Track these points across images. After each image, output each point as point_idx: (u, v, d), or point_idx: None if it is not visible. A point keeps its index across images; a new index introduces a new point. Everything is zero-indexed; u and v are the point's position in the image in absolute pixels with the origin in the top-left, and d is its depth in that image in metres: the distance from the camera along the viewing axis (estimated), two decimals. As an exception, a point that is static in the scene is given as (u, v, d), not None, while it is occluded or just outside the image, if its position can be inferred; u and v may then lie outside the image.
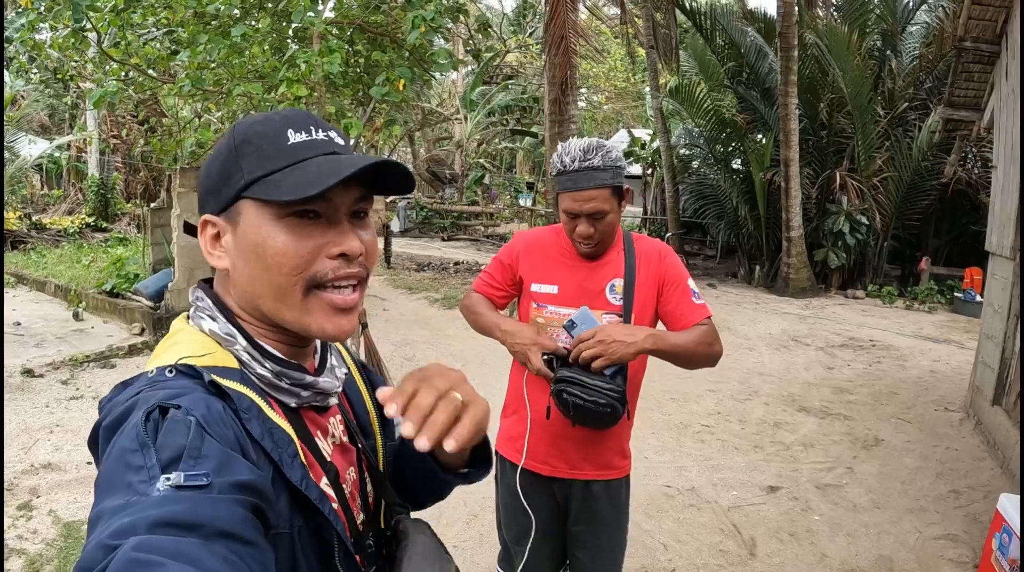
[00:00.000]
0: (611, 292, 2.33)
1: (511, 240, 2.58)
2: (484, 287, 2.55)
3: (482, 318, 2.47)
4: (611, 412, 2.12)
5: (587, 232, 2.23)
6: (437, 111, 24.33)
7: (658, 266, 2.36)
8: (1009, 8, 5.93)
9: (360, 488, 1.13)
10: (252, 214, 0.96)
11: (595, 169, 2.19)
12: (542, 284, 2.38)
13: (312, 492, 0.92)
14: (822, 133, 14.48)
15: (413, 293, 11.66)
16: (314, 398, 1.04)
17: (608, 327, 2.17)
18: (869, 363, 8.59)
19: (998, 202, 6.33)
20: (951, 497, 4.99)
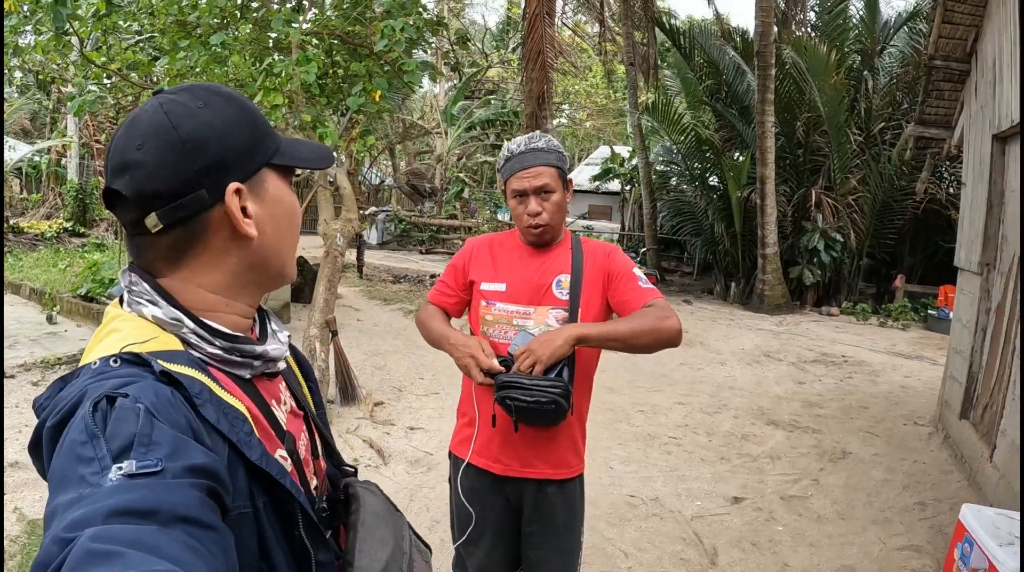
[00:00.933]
0: (557, 287, 2.33)
1: (463, 246, 2.58)
2: (438, 296, 2.54)
3: (433, 330, 2.45)
4: (555, 408, 2.09)
5: (536, 209, 2.27)
6: (418, 124, 24.34)
7: (604, 261, 2.38)
8: (979, 27, 5.98)
9: (312, 453, 1.15)
10: (276, 181, 1.05)
11: (540, 150, 2.29)
12: (491, 282, 2.39)
13: (273, 468, 0.92)
14: (798, 151, 14.59)
15: (388, 304, 11.59)
16: (266, 366, 1.06)
17: (539, 336, 2.18)
18: (840, 378, 8.59)
19: (967, 218, 6.36)
20: (917, 509, 4.97)
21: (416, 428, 6.00)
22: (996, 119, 5.35)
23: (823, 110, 13.16)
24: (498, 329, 2.34)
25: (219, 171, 0.96)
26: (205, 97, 1.00)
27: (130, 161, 0.94)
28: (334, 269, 6.60)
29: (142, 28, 7.22)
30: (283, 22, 5.96)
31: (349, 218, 6.80)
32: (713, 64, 15.77)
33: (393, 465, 5.21)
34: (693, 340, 10.29)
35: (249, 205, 0.99)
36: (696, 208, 15.81)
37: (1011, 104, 4.94)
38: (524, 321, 2.30)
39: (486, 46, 27.93)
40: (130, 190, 0.94)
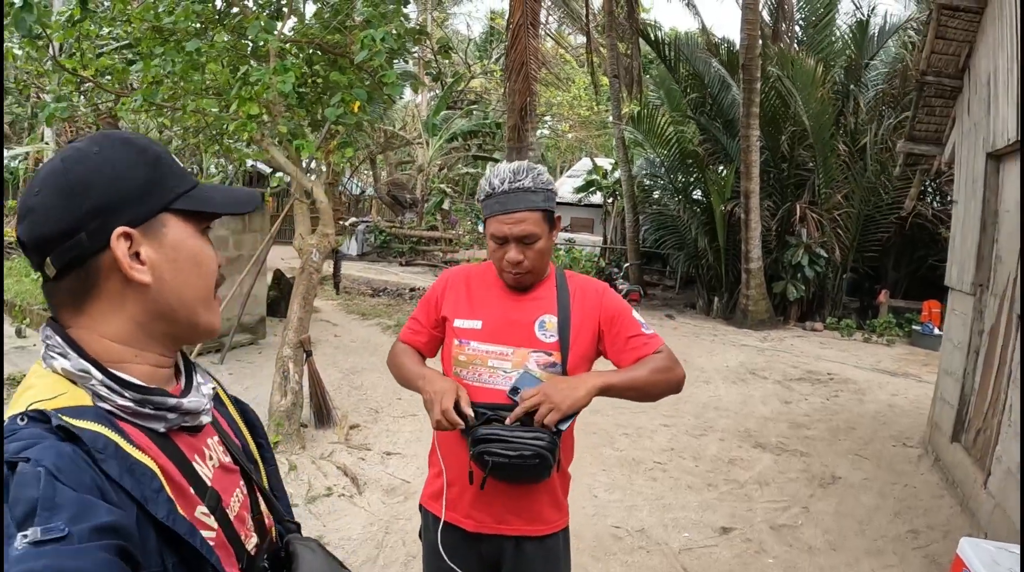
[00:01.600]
0: (541, 329, 2.13)
1: (438, 278, 2.38)
2: (409, 334, 2.34)
3: (405, 370, 2.24)
4: (540, 462, 1.91)
5: (516, 258, 2.07)
6: (400, 134, 24.15)
7: (596, 302, 2.19)
8: (972, 43, 5.87)
9: (252, 509, 1.14)
10: (179, 227, 1.02)
11: (525, 190, 2.06)
12: (465, 319, 2.18)
13: (180, 526, 0.90)
14: (783, 166, 14.51)
15: (366, 319, 11.37)
16: (182, 420, 1.03)
17: (552, 381, 1.99)
18: (827, 397, 8.45)
19: (958, 237, 6.23)
20: (909, 537, 4.82)
21: (393, 453, 5.78)
22: (991, 137, 5.23)
23: (808, 124, 13.08)
24: (472, 370, 2.13)
25: (105, 214, 0.95)
26: (101, 142, 1.00)
27: (28, 206, 0.96)
28: (309, 286, 6.38)
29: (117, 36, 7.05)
30: (260, 30, 5.79)
31: (326, 233, 6.60)
32: (698, 77, 15.69)
33: (368, 494, 5.00)
34: (677, 357, 10.10)
35: (143, 250, 0.98)
36: (679, 222, 15.69)
37: (1007, 122, 4.81)
38: (501, 362, 2.10)
39: (469, 56, 27.82)
40: (26, 235, 0.96)
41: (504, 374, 2.08)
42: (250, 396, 6.98)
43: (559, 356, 2.10)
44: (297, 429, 5.72)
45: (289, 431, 5.63)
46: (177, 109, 6.59)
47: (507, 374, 2.07)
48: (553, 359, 2.10)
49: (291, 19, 6.86)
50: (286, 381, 5.85)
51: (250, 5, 6.66)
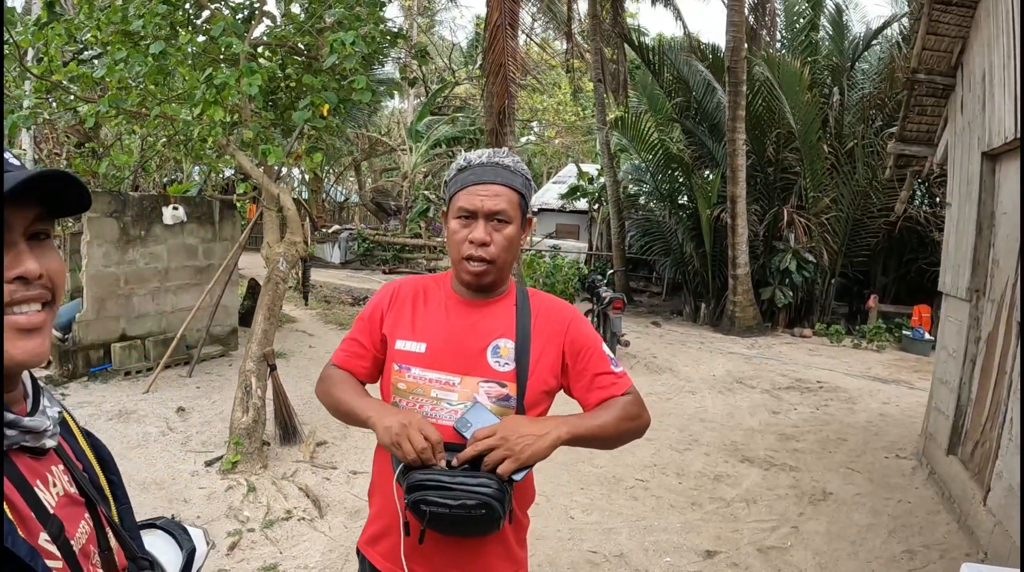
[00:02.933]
0: (494, 355, 1.84)
1: (379, 291, 2.04)
2: (347, 359, 1.99)
3: (344, 401, 1.88)
4: (487, 513, 1.61)
5: (483, 237, 1.77)
6: (384, 141, 23.92)
7: (561, 328, 1.91)
8: (965, 38, 5.65)
9: (100, 544, 1.07)
10: None
11: (504, 167, 1.82)
12: (407, 340, 1.88)
13: (20, 549, 0.85)
14: (769, 170, 14.36)
15: (344, 328, 11.06)
16: (23, 438, 0.97)
17: (511, 422, 1.71)
18: (816, 406, 8.21)
19: (952, 241, 5.99)
20: (905, 558, 4.56)
21: (359, 472, 5.49)
22: (986, 136, 4.99)
23: (795, 127, 12.92)
24: (412, 401, 1.84)
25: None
26: None
27: None
28: (275, 296, 6.11)
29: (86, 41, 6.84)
30: (225, 31, 5.55)
31: (293, 241, 6.34)
32: (683, 81, 15.54)
33: (330, 517, 4.70)
34: (662, 366, 9.88)
35: None
36: (665, 227, 15.50)
37: (1003, 120, 4.57)
38: (446, 393, 1.82)
39: (454, 62, 27.61)
40: None
41: (449, 407, 1.81)
42: (216, 410, 6.70)
43: (514, 388, 1.82)
44: (259, 447, 5.42)
45: (250, 450, 5.33)
46: (144, 115, 6.35)
47: (452, 407, 1.80)
48: (507, 391, 1.82)
49: (264, 22, 6.62)
50: (248, 397, 5.55)
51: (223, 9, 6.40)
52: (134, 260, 7.88)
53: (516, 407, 1.82)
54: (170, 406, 6.75)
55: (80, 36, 6.66)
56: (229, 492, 4.92)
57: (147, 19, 5.71)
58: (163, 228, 8.16)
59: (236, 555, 4.15)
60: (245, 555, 4.16)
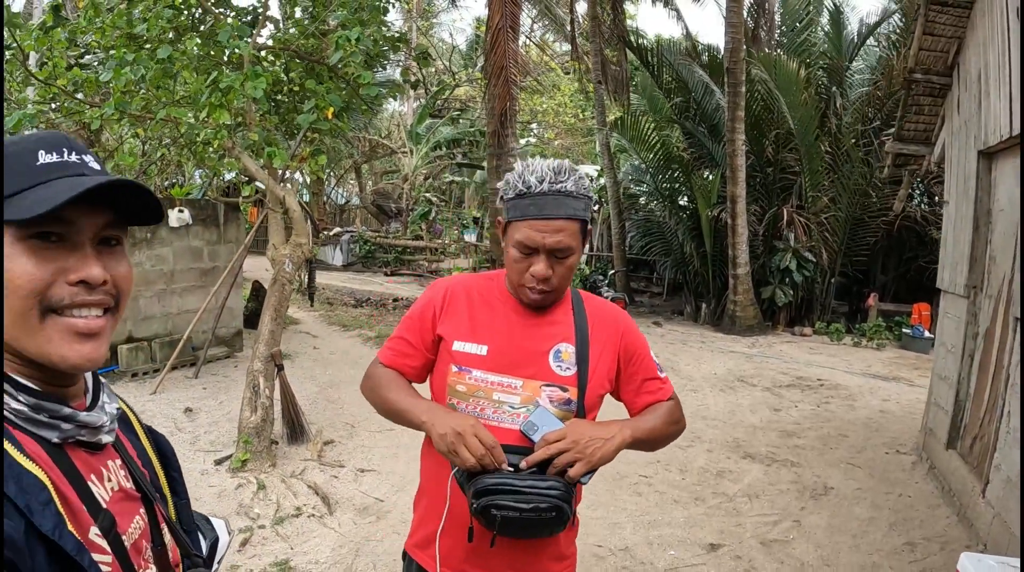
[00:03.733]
0: (556, 359, 1.85)
1: (428, 289, 2.02)
2: (395, 357, 1.96)
3: (394, 400, 1.87)
4: (557, 516, 1.63)
5: (544, 273, 1.76)
6: (384, 143, 23.97)
7: (615, 333, 1.93)
8: (961, 39, 5.72)
9: (154, 540, 1.08)
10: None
11: (567, 195, 1.75)
12: (467, 342, 1.87)
13: (67, 542, 0.85)
14: (768, 170, 14.41)
15: (347, 330, 11.13)
16: (79, 432, 0.97)
17: (578, 425, 1.73)
18: (817, 404, 8.27)
19: (950, 238, 6.06)
20: (905, 551, 4.63)
21: (367, 470, 5.56)
22: (982, 134, 5.06)
23: (793, 127, 12.98)
24: (472, 404, 1.83)
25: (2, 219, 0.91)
26: None
27: None
28: (281, 297, 6.17)
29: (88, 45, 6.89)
30: (232, 36, 5.62)
31: (299, 242, 6.40)
32: (682, 82, 15.60)
33: (339, 514, 4.77)
34: (664, 365, 9.89)
35: None
36: (665, 228, 15.55)
37: (999, 118, 4.64)
38: (508, 396, 1.82)
39: (454, 64, 27.67)
40: None
41: (511, 410, 1.81)
42: (223, 411, 6.76)
43: (575, 392, 1.83)
44: (267, 446, 5.49)
45: (259, 448, 5.40)
46: (149, 118, 6.41)
47: (514, 410, 1.81)
48: (568, 395, 1.83)
49: (268, 26, 6.69)
50: (256, 396, 5.61)
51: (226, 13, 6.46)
52: (140, 262, 7.94)
53: (576, 411, 1.83)
54: (177, 407, 6.82)
55: (82, 40, 6.71)
56: (239, 490, 4.99)
57: (151, 23, 5.78)
58: (168, 231, 8.22)
59: (248, 551, 4.22)
60: (257, 551, 4.23)
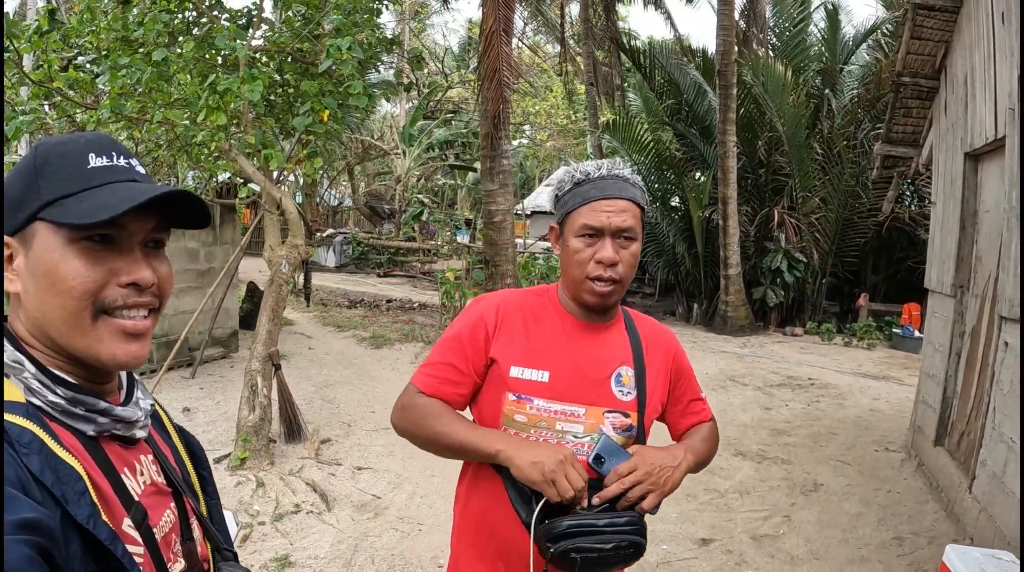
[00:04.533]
0: (617, 383, 1.74)
1: (473, 307, 1.84)
2: (440, 386, 1.76)
3: (450, 432, 1.69)
4: (635, 551, 1.58)
5: (612, 256, 1.65)
6: (377, 145, 24.01)
7: (668, 354, 1.86)
8: (948, 43, 5.82)
9: (183, 534, 1.10)
10: (46, 237, 0.94)
11: (626, 179, 1.70)
12: (526, 368, 1.71)
13: (101, 532, 0.87)
14: (760, 171, 14.53)
15: (341, 331, 11.18)
16: (114, 426, 1.00)
17: (646, 454, 1.63)
18: (808, 402, 8.37)
19: (937, 239, 6.17)
20: (894, 544, 4.71)
21: (364, 468, 5.63)
22: (969, 137, 5.17)
23: (783, 129, 13.09)
24: (534, 435, 1.70)
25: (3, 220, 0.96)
26: None
27: None
28: (278, 298, 6.23)
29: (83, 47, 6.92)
30: (227, 38, 5.67)
31: (295, 244, 6.46)
32: (674, 84, 15.71)
33: (337, 511, 4.84)
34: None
35: (18, 259, 0.96)
36: (657, 229, 15.65)
37: (985, 121, 4.74)
38: (571, 425, 1.70)
39: (447, 66, 27.74)
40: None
41: (575, 439, 1.69)
42: (220, 411, 6.82)
43: (636, 417, 1.74)
44: (265, 444, 5.55)
45: (257, 447, 5.46)
46: (145, 120, 6.45)
47: (578, 439, 1.69)
48: (630, 421, 1.73)
49: (262, 27, 6.74)
50: (254, 395, 5.67)
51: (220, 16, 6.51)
52: (137, 264, 7.96)
53: (636, 436, 1.75)
54: (175, 407, 6.86)
55: (76, 42, 6.74)
56: (239, 487, 5.05)
57: (148, 26, 5.83)
58: (165, 232, 8.24)
59: (248, 547, 4.28)
60: (257, 547, 4.29)
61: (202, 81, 6.15)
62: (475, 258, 11.16)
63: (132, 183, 0.99)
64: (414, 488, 5.34)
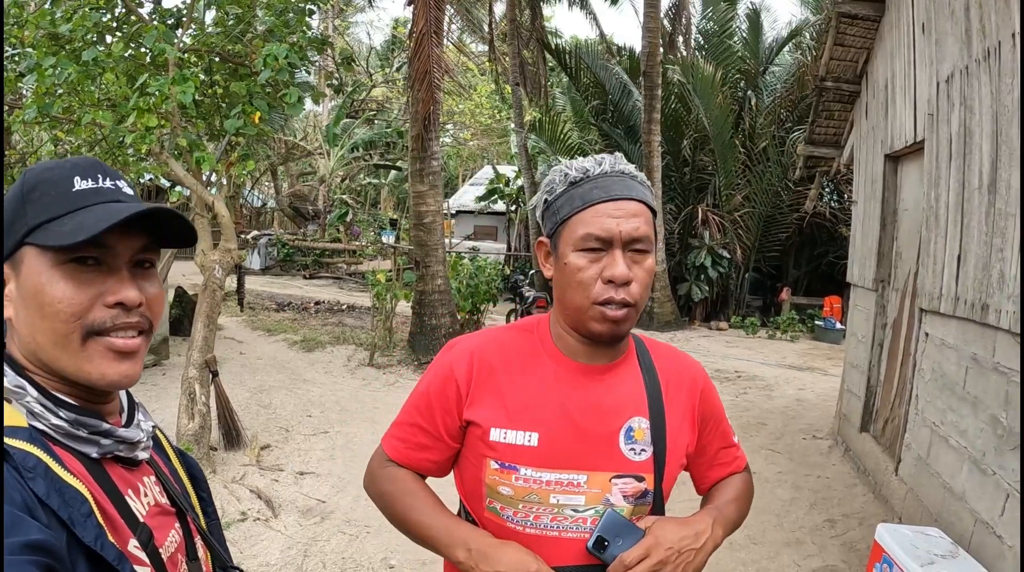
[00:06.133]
0: (628, 440, 1.39)
1: (443, 356, 1.50)
2: (408, 452, 1.49)
3: (415, 520, 1.43)
4: None
5: (625, 273, 1.29)
6: (300, 145, 23.68)
7: (694, 394, 1.50)
8: (869, 49, 6.08)
9: (188, 554, 1.10)
10: (32, 261, 0.94)
11: (633, 178, 1.36)
12: (509, 428, 1.37)
13: (109, 552, 0.87)
14: (684, 170, 14.84)
15: (272, 335, 11.03)
16: (117, 448, 1.00)
17: (661, 534, 1.31)
18: (736, 394, 8.62)
19: (859, 235, 6.44)
20: (826, 527, 4.91)
21: (306, 472, 5.60)
22: (889, 139, 5.42)
23: (709, 129, 13.41)
24: (523, 510, 1.37)
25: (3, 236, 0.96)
26: None
27: None
28: (213, 303, 6.14)
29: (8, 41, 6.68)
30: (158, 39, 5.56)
31: (228, 248, 6.37)
32: (599, 85, 15.93)
33: (284, 516, 4.81)
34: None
35: (10, 285, 0.96)
36: (584, 227, 15.83)
37: (904, 125, 4.99)
38: (570, 498, 1.36)
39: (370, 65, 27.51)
40: None
41: (575, 514, 1.36)
42: (156, 419, 6.53)
43: (652, 480, 1.39)
44: (207, 452, 5.48)
45: (199, 455, 5.37)
46: (72, 121, 6.28)
47: (579, 514, 1.36)
48: (644, 486, 1.39)
49: (190, 27, 6.62)
50: (193, 403, 5.59)
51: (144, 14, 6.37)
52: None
53: (652, 503, 1.41)
54: (107, 416, 6.69)
55: (5, 37, 6.52)
56: (181, 497, 4.97)
57: (76, 24, 5.68)
58: (90, 237, 8.01)
59: (196, 556, 4.22)
60: (206, 555, 4.24)
61: (128, 81, 6.02)
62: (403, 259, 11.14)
63: (115, 204, 0.99)
64: (358, 491, 5.33)
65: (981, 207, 3.50)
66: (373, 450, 1.57)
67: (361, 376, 8.95)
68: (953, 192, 3.96)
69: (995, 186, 3.30)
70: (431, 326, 10.07)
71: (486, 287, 11.51)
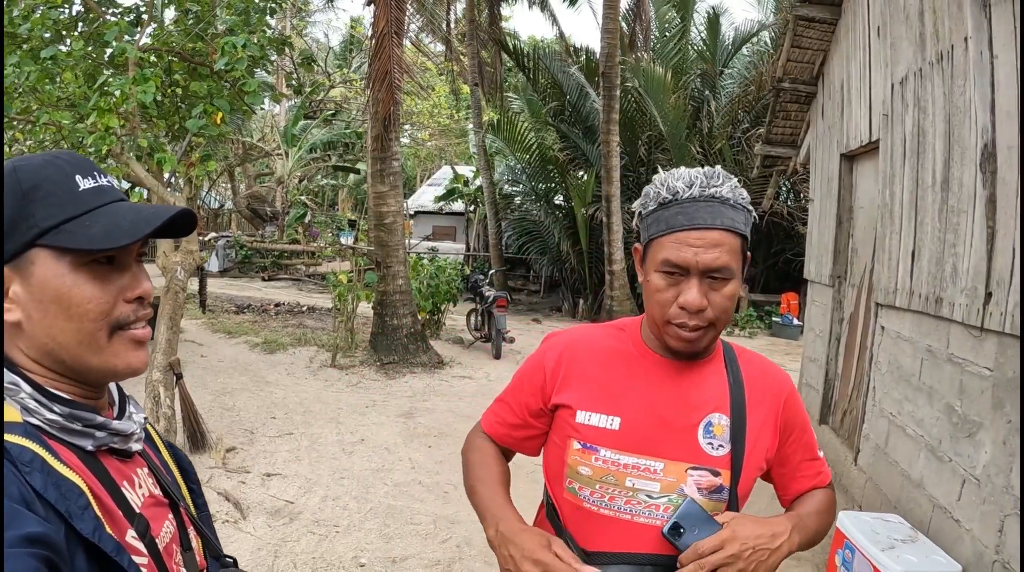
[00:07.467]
0: (707, 434, 1.44)
1: (540, 346, 1.64)
2: (496, 426, 1.63)
3: (479, 485, 1.55)
4: None
5: (698, 302, 1.34)
6: (258, 146, 23.44)
7: (777, 400, 1.53)
8: (826, 51, 6.22)
9: (183, 543, 1.12)
10: (49, 263, 0.94)
11: (723, 202, 1.37)
12: (594, 412, 1.46)
13: (107, 544, 0.88)
14: (641, 169, 15.01)
15: (232, 337, 10.92)
16: (111, 440, 1.01)
17: (740, 528, 1.31)
18: (698, 391, 8.72)
19: (815, 233, 6.58)
20: (787, 519, 5.02)
21: (273, 474, 5.59)
22: (844, 139, 5.56)
23: (663, 129, 13.57)
24: (600, 492, 1.43)
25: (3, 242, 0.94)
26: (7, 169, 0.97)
27: None
28: (176, 306, 6.10)
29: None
30: (118, 36, 5.50)
31: (190, 250, 6.32)
32: (557, 86, 16.05)
33: (252, 518, 4.80)
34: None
35: (13, 288, 0.95)
36: (542, 227, 15.96)
37: (859, 125, 5.13)
38: (646, 483, 1.41)
39: (329, 65, 27.32)
40: None
41: (649, 500, 1.40)
42: (115, 424, 6.58)
43: (728, 476, 1.43)
44: (172, 455, 5.43)
45: (163, 458, 5.33)
46: (30, 121, 6.18)
47: (653, 500, 1.40)
48: (720, 481, 1.42)
49: (150, 26, 6.55)
50: (157, 406, 5.55)
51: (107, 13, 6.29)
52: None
53: (728, 501, 1.43)
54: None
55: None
56: (147, 500, 4.93)
57: (35, 22, 5.60)
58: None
59: (165, 559, 4.20)
60: (175, 558, 4.22)
61: (88, 80, 5.95)
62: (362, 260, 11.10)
63: (122, 203, 1.01)
64: (325, 491, 5.34)
65: (934, 204, 3.61)
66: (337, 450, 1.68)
67: (324, 377, 8.92)
68: (907, 190, 4.08)
69: (948, 184, 3.42)
70: (392, 326, 10.06)
71: (447, 287, 11.54)
